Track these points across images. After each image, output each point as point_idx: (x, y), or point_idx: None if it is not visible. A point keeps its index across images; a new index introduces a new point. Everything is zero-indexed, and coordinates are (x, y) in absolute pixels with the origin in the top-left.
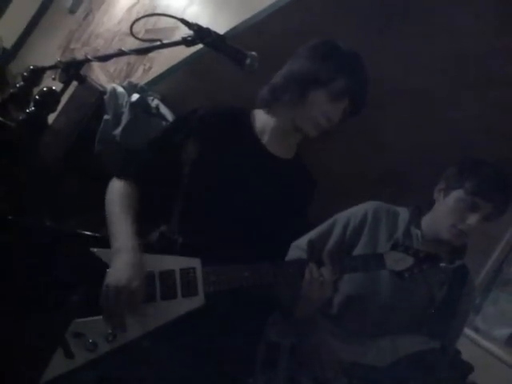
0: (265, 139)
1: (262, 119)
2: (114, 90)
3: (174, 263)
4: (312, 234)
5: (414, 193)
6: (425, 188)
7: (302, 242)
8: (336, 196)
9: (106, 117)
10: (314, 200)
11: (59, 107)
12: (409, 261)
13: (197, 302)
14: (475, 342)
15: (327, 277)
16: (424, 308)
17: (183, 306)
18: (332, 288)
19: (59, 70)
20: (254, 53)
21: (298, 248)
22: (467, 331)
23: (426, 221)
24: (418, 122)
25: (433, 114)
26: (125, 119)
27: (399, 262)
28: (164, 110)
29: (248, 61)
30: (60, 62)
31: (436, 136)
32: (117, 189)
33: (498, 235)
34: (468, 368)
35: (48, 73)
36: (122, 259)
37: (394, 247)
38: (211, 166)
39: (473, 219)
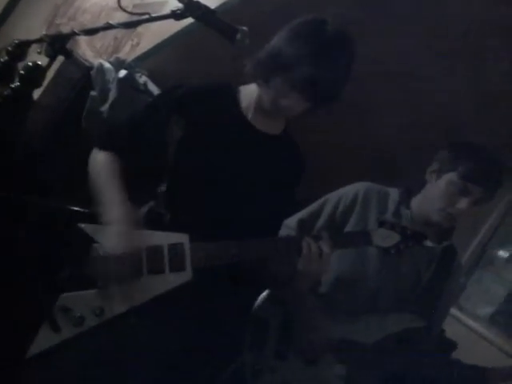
0: (251, 115)
1: (248, 95)
2: (101, 66)
3: (162, 238)
4: (302, 213)
5: (403, 173)
6: (414, 169)
7: (292, 221)
8: (327, 176)
9: (92, 93)
10: (302, 177)
11: (45, 83)
12: (395, 237)
13: (184, 277)
14: (459, 320)
15: (326, 249)
16: (411, 287)
17: (171, 280)
18: (329, 263)
19: (45, 44)
20: (245, 28)
21: (287, 227)
22: (451, 310)
23: (416, 202)
24: (406, 104)
25: (420, 96)
26: (112, 96)
27: (386, 238)
28: (152, 86)
29: (239, 36)
30: (46, 35)
31: (424, 117)
32: (101, 160)
33: (483, 216)
34: (452, 345)
35: (33, 47)
36: (116, 228)
37: (381, 224)
38: (197, 143)
39: (463, 203)
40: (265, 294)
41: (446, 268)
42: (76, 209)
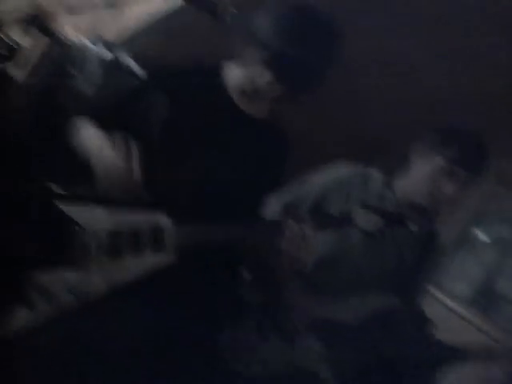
0: (236, 97)
1: (233, 75)
2: (84, 46)
3: (143, 219)
4: (285, 196)
5: (387, 155)
6: (399, 151)
7: (276, 204)
8: (311, 157)
9: (75, 73)
10: (287, 160)
11: (29, 62)
12: (379, 221)
13: (165, 258)
14: (439, 300)
15: (309, 232)
16: (393, 268)
17: (151, 261)
18: (315, 243)
19: (25, 23)
20: (227, 1)
21: (271, 210)
22: (432, 290)
23: (401, 184)
24: (395, 87)
25: (409, 79)
26: (95, 76)
27: (370, 222)
28: (136, 67)
29: (220, 10)
30: (28, 14)
31: (412, 100)
32: (87, 131)
33: (464, 199)
34: (431, 325)
35: (14, 25)
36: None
37: (365, 208)
38: (181, 125)
39: (450, 188)
40: (247, 274)
41: (428, 251)
42: (55, 189)
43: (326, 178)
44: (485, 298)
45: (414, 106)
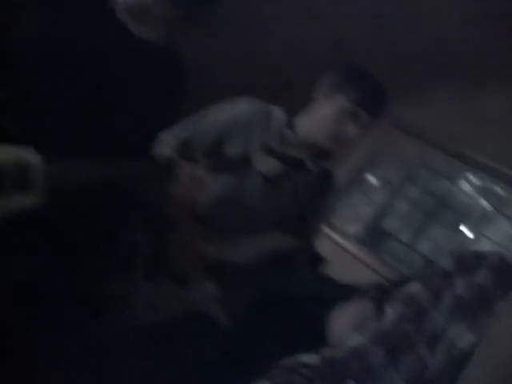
0: (125, 18)
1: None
2: None
3: (6, 153)
4: (182, 129)
5: (291, 94)
6: (303, 90)
7: (170, 138)
8: (212, 94)
9: None
10: (183, 89)
11: None
12: (275, 164)
13: (31, 198)
14: (329, 237)
15: (202, 174)
16: (289, 208)
17: (14, 202)
18: (210, 186)
19: None
20: None
21: (165, 145)
22: (323, 228)
23: (302, 123)
24: (302, 19)
25: (315, 16)
26: None
27: (267, 165)
28: None
29: None
30: None
31: (317, 35)
32: None
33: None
34: (323, 262)
35: None
36: None
37: (263, 149)
38: (53, 45)
39: (352, 129)
40: (133, 216)
41: (322, 189)
42: None
43: (226, 115)
44: (372, 236)
45: (319, 43)
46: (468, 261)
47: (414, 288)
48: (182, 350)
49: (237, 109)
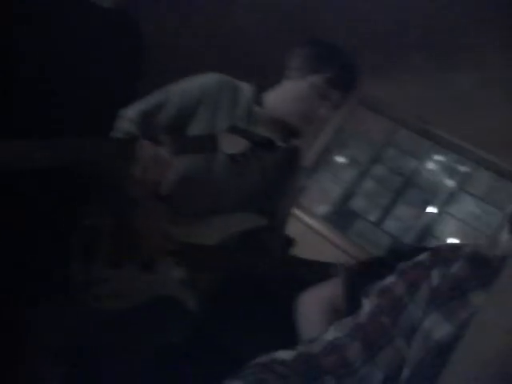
0: None
1: None
2: None
3: None
4: (144, 103)
5: (260, 70)
6: (272, 66)
7: (132, 112)
8: (177, 68)
9: None
10: (142, 57)
11: None
12: (243, 144)
13: None
14: (298, 218)
15: (165, 155)
16: (257, 187)
17: None
18: (169, 169)
19: None
20: None
21: (127, 120)
22: (294, 209)
23: (271, 99)
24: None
25: None
26: None
27: (234, 144)
28: None
29: None
30: None
31: (286, 12)
32: None
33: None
34: (290, 242)
35: None
36: None
37: (230, 129)
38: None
39: (324, 108)
40: (93, 199)
41: (290, 167)
42: None
43: (190, 85)
44: (339, 216)
45: (287, 17)
46: (444, 252)
47: (390, 280)
48: (149, 337)
49: (202, 82)
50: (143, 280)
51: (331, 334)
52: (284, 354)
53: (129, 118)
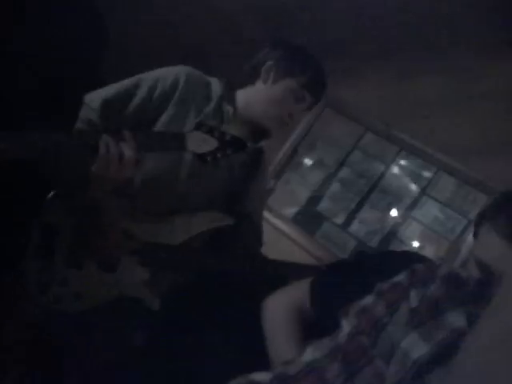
0: None
1: None
2: None
3: None
4: (109, 91)
5: (231, 69)
6: (242, 66)
7: (95, 100)
8: (141, 59)
9: None
10: (97, 40)
11: None
12: (213, 143)
13: None
14: (267, 220)
15: (128, 153)
16: (224, 187)
17: None
18: (133, 167)
19: None
20: None
21: (89, 107)
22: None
23: (243, 100)
24: None
25: None
26: None
27: (202, 144)
28: None
29: None
30: None
31: (254, 10)
32: None
33: (293, 123)
34: (260, 244)
35: None
36: None
37: (198, 127)
38: None
39: (297, 111)
40: (52, 195)
41: (255, 168)
42: None
43: (160, 77)
44: (306, 218)
45: (255, 17)
46: (421, 273)
47: (368, 300)
48: (110, 338)
49: (173, 74)
50: (105, 280)
51: (309, 356)
52: (260, 376)
53: (92, 106)
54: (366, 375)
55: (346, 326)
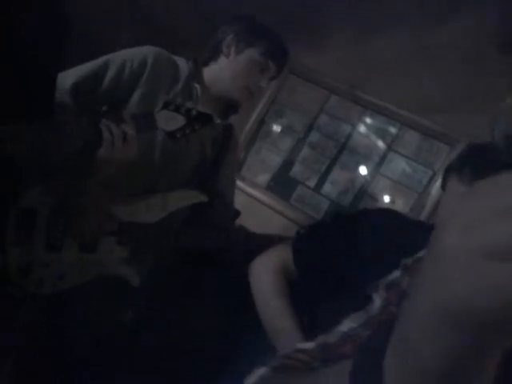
0: None
1: None
2: None
3: None
4: (78, 73)
5: (196, 47)
6: (208, 43)
7: (65, 83)
8: (101, 42)
9: None
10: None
11: None
12: (180, 120)
13: None
14: (241, 189)
15: (131, 133)
16: (196, 164)
17: None
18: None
19: None
20: None
21: (63, 91)
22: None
23: (210, 76)
24: None
25: None
26: None
27: (171, 121)
28: None
29: None
30: None
31: None
32: None
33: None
34: (236, 214)
35: None
36: None
37: (165, 106)
38: None
39: (263, 80)
40: (28, 180)
41: (226, 142)
42: None
43: (128, 57)
44: (279, 184)
45: None
46: None
47: (396, 275)
48: (93, 316)
49: (144, 53)
50: (84, 261)
51: (346, 326)
52: (305, 345)
53: (64, 89)
54: None
55: (378, 299)
